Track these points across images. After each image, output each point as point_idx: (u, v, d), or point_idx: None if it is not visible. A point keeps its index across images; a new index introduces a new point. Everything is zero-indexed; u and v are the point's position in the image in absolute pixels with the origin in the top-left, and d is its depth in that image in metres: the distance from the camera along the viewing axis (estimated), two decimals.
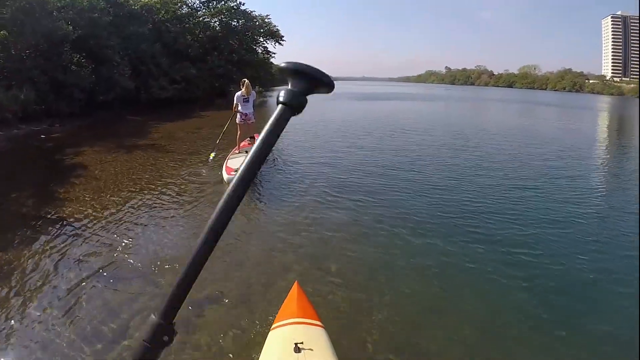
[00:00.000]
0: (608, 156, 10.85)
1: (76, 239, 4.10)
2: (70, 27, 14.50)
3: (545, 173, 7.59)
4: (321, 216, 4.92)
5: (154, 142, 10.06)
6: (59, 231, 4.33)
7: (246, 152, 7.03)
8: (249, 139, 7.37)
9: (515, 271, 3.66)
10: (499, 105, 30.92)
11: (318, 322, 2.17)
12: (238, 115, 7.10)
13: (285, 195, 5.81)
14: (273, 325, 2.21)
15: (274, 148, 0.48)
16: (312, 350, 1.86)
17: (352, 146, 9.81)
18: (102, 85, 16.32)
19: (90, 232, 4.26)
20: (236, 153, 7.17)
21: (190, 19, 25.51)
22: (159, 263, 3.59)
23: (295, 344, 1.87)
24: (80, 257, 3.69)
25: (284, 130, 0.46)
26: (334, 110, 20.17)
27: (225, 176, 6.23)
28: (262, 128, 0.47)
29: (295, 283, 2.50)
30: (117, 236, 4.17)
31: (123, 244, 4.00)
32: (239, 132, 7.24)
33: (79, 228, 4.39)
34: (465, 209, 5.35)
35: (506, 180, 6.93)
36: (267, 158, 0.51)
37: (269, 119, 0.47)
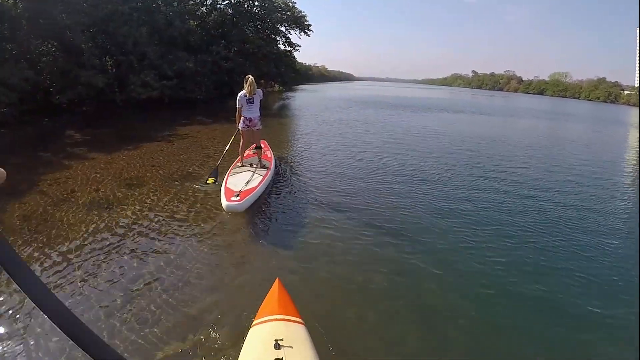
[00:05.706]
0: None
1: None
2: (11, 1, 10.28)
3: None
4: (305, 216, 4.84)
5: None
6: None
7: (250, 164, 6.22)
8: (254, 148, 6.39)
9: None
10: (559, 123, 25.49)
11: (299, 319, 2.17)
12: (241, 120, 5.96)
13: (272, 199, 5.45)
14: (253, 322, 2.21)
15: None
16: (291, 347, 1.86)
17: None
18: (58, 82, 12.13)
19: None
20: (238, 165, 6.19)
21: None
22: None
23: (276, 340, 1.88)
24: None
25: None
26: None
27: (224, 202, 4.63)
28: (272, 135, 0.39)
29: (277, 280, 2.52)
30: None
31: None
32: (242, 140, 6.12)
33: None
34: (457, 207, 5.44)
35: None
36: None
37: (290, 125, 0.30)
